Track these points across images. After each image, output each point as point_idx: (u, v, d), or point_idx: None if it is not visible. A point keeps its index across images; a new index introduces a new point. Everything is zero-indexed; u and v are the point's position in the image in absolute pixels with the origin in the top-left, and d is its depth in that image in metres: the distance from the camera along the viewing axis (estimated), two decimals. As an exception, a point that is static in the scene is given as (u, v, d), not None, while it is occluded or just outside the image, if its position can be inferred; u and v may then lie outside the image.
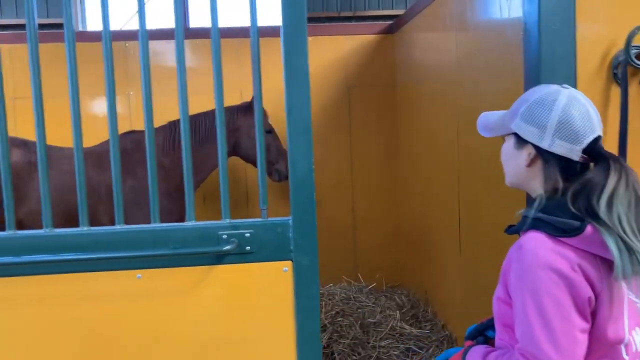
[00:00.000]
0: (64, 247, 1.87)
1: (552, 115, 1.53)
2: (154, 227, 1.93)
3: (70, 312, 1.93)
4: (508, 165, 1.70)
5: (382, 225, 5.23)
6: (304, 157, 1.94)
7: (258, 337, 1.97)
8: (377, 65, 5.12)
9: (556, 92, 1.57)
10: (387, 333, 4.26)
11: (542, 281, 1.43)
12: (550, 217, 1.50)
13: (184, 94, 1.95)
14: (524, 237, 1.53)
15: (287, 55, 1.91)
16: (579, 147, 1.52)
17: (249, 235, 1.92)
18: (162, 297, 1.93)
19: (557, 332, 1.40)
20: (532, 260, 1.46)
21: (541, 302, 1.43)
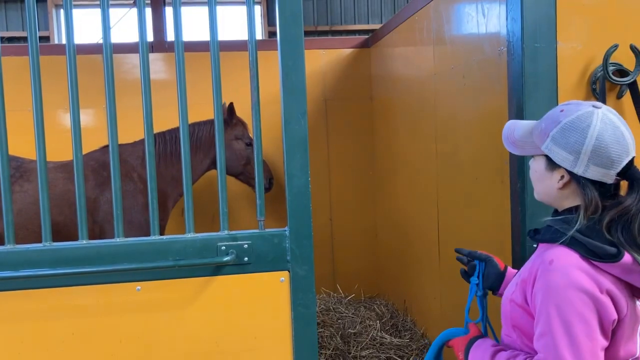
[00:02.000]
0: (63, 260, 1.88)
1: (586, 142, 1.50)
2: (153, 239, 1.95)
3: (69, 325, 1.93)
4: (538, 185, 1.68)
5: (360, 236, 5.29)
6: (300, 170, 1.98)
7: (256, 347, 2.00)
8: (353, 78, 5.21)
9: (589, 114, 1.53)
10: (367, 343, 4.30)
11: (572, 301, 1.44)
12: (585, 238, 1.50)
13: (184, 106, 1.97)
14: (555, 252, 1.53)
15: (285, 71, 1.96)
16: (613, 171, 1.51)
17: (247, 246, 1.96)
18: (162, 309, 1.95)
19: (581, 348, 1.42)
20: (564, 279, 1.46)
21: (569, 320, 1.44)
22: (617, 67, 2.14)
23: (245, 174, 4.44)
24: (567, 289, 1.45)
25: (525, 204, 2.14)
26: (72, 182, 3.91)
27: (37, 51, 1.97)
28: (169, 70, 5.07)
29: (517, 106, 2.17)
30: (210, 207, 4.99)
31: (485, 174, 2.87)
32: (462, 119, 3.18)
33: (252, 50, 1.97)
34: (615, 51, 2.10)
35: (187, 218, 2.01)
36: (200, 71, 4.81)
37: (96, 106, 4.83)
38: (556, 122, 1.57)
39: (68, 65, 1.99)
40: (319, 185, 5.23)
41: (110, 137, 1.91)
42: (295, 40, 1.95)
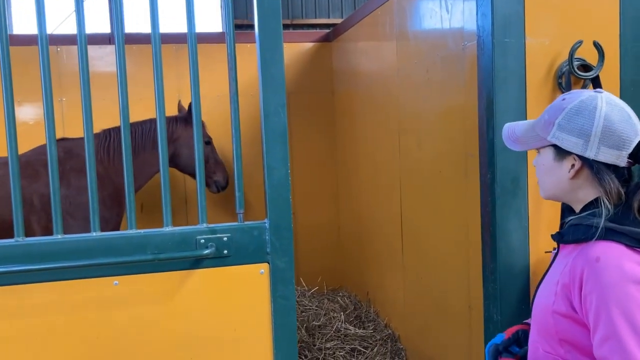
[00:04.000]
0: (37, 256, 1.83)
1: (595, 123, 1.48)
2: (131, 233, 1.92)
3: (45, 322, 1.88)
4: (548, 178, 1.62)
5: (323, 229, 5.32)
6: (280, 162, 1.99)
7: (236, 339, 2.00)
8: (315, 72, 5.22)
9: (593, 97, 1.52)
10: (332, 335, 4.34)
11: (632, 295, 1.37)
12: (624, 227, 1.44)
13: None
14: (598, 248, 1.45)
15: (263, 64, 1.95)
16: (625, 152, 1.47)
17: (226, 239, 1.95)
18: (140, 303, 1.92)
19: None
20: (618, 274, 1.39)
21: (633, 317, 1.35)
22: (582, 62, 2.22)
23: None
24: (624, 283, 1.38)
25: (495, 194, 2.20)
26: (23, 178, 3.80)
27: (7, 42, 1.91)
28: (130, 63, 4.96)
29: (487, 100, 2.23)
30: (171, 202, 4.92)
31: (448, 167, 2.93)
32: (426, 114, 3.24)
33: (230, 43, 1.95)
34: (579, 47, 2.18)
35: (165, 212, 1.99)
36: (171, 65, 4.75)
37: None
38: (560, 109, 1.56)
39: (41, 57, 1.92)
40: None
41: (85, 131, 1.87)
42: (274, 33, 1.95)
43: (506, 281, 2.19)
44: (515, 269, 2.19)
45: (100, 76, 4.71)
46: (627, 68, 2.29)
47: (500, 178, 2.20)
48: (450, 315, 3.02)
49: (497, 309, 2.20)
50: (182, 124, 4.33)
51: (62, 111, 4.76)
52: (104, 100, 4.07)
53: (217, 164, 4.49)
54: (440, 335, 3.23)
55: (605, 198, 1.51)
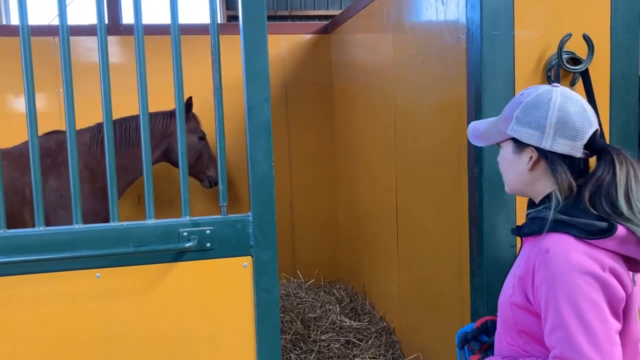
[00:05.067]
0: (19, 248, 1.83)
1: (550, 115, 1.52)
2: (113, 226, 1.92)
3: (27, 314, 1.88)
4: (508, 172, 1.66)
5: (320, 221, 5.32)
6: (264, 156, 1.98)
7: (219, 332, 2.00)
8: (313, 64, 5.20)
9: (549, 91, 1.56)
10: (327, 327, 4.34)
11: (578, 285, 1.39)
12: (573, 218, 1.47)
13: (144, 94, 1.94)
14: (549, 240, 1.48)
15: (248, 57, 1.94)
16: (580, 143, 1.51)
17: (209, 232, 1.95)
18: (122, 295, 1.92)
19: (597, 335, 1.37)
20: (565, 265, 1.42)
21: (579, 307, 1.38)
22: (571, 55, 2.20)
23: (195, 168, 4.45)
24: (571, 274, 1.40)
25: (483, 188, 2.19)
26: (16, 169, 3.81)
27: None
28: (123, 54, 4.96)
29: (476, 93, 2.22)
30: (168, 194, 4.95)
31: (441, 160, 2.92)
32: (421, 106, 3.22)
33: (214, 34, 1.94)
34: (569, 40, 2.16)
35: (148, 205, 1.98)
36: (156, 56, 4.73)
37: (48, 90, 4.70)
38: (518, 104, 1.59)
39: (22, 48, 1.92)
40: (280, 171, 5.22)
41: (67, 123, 1.87)
42: (259, 24, 1.93)
43: (493, 275, 2.18)
44: (501, 264, 2.18)
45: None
46: (617, 61, 2.27)
47: (488, 172, 2.19)
48: (443, 308, 3.02)
49: (483, 302, 2.20)
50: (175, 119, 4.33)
51: (59, 102, 4.77)
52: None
53: (211, 159, 4.49)
54: (433, 328, 3.23)
55: (557, 190, 1.54)
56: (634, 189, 1.47)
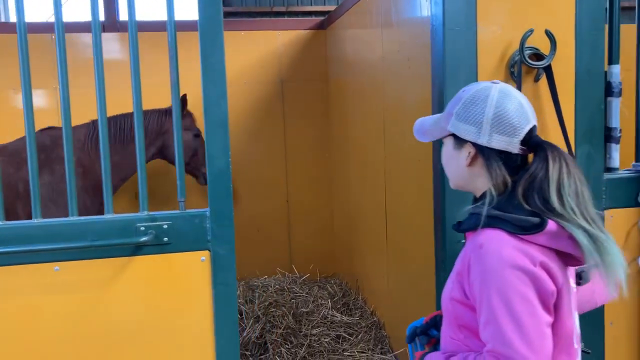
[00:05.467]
0: None
1: (487, 111, 1.54)
2: (71, 220, 1.97)
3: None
4: (449, 167, 1.69)
5: (316, 217, 5.35)
6: (221, 151, 2.01)
7: (177, 325, 2.04)
8: (310, 60, 5.22)
9: (487, 88, 1.58)
10: (318, 321, 4.37)
11: (509, 280, 1.42)
12: (506, 214, 1.49)
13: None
14: (482, 236, 1.51)
15: (204, 53, 1.97)
16: (516, 139, 1.53)
17: (166, 226, 1.99)
18: (81, 289, 1.97)
19: (527, 329, 1.39)
20: (497, 260, 1.44)
21: (509, 301, 1.41)
22: (534, 51, 2.20)
23: (191, 165, 4.50)
24: (502, 269, 1.43)
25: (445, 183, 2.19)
26: (10, 165, 3.89)
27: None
28: (121, 50, 5.02)
29: (439, 90, 2.22)
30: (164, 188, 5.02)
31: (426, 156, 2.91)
32: (408, 102, 3.22)
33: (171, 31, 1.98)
34: (531, 35, 2.16)
35: (106, 200, 2.03)
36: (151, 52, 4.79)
37: (46, 87, 4.79)
38: (458, 100, 1.62)
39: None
40: (276, 166, 5.27)
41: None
42: (214, 21, 1.96)
43: (455, 271, 2.18)
44: (463, 259, 2.18)
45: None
46: (582, 57, 2.25)
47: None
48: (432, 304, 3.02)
49: (446, 298, 2.20)
50: (170, 117, 4.38)
51: (56, 98, 4.85)
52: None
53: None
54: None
55: (491, 186, 1.56)
56: (566, 185, 1.49)
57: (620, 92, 2.35)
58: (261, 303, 4.60)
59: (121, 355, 2.03)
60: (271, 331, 4.28)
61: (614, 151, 2.37)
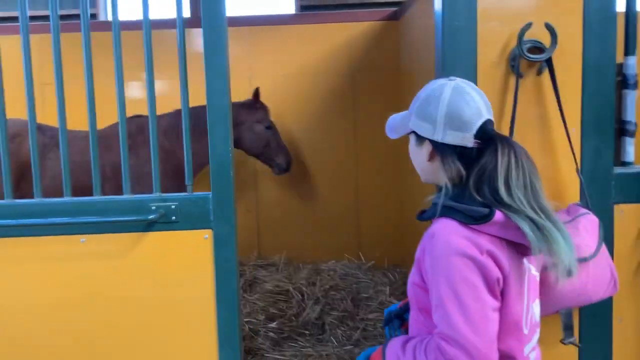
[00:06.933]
0: (21, 214, 2.26)
1: (439, 109, 1.61)
2: (96, 199, 2.28)
3: (26, 269, 2.31)
4: (415, 163, 1.78)
5: (386, 206, 5.43)
6: (222, 141, 2.22)
7: (184, 294, 2.30)
8: (382, 51, 5.30)
9: (442, 86, 1.66)
10: (375, 307, 4.49)
11: (456, 267, 1.50)
12: (459, 205, 1.57)
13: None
14: (436, 224, 1.60)
15: (207, 51, 2.18)
16: (469, 134, 1.60)
17: (174, 207, 2.24)
18: (102, 258, 2.28)
19: (472, 313, 1.47)
20: (445, 248, 1.52)
21: (455, 287, 1.49)
22: (535, 44, 2.18)
23: (264, 155, 4.76)
24: (449, 256, 1.51)
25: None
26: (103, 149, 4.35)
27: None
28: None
29: (440, 83, 2.27)
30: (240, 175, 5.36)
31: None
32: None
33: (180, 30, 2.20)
34: (530, 29, 2.14)
35: (124, 182, 2.31)
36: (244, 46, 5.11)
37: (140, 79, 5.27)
38: (417, 99, 1.71)
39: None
40: (346, 155, 5.41)
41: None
42: (217, 19, 2.15)
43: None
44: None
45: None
46: (590, 49, 2.20)
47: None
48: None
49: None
50: (245, 109, 4.67)
51: (146, 90, 5.31)
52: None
53: (279, 147, 4.78)
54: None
55: (447, 179, 1.64)
56: (514, 176, 1.55)
57: (636, 85, 2.26)
58: (322, 286, 4.80)
59: (135, 316, 2.33)
60: (329, 313, 4.47)
61: (629, 145, 2.29)
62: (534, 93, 2.24)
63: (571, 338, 2.12)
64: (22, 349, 2.34)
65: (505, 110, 2.24)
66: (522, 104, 2.23)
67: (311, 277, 5.01)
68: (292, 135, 5.38)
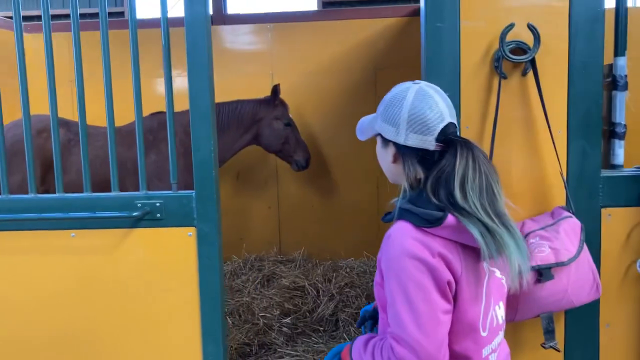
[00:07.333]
0: (14, 209, 2.37)
1: (402, 112, 1.63)
2: (86, 195, 2.37)
3: (21, 261, 2.42)
4: (382, 164, 1.79)
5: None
6: (205, 140, 2.27)
7: (170, 288, 2.36)
8: (404, 47, 5.27)
9: (405, 89, 1.68)
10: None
11: (407, 268, 1.52)
12: (415, 208, 1.59)
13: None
14: (393, 227, 1.62)
15: (190, 49, 2.23)
16: (431, 137, 1.61)
17: (159, 204, 2.30)
18: (91, 252, 2.37)
19: (421, 314, 1.50)
20: (398, 249, 1.55)
21: (406, 288, 1.52)
22: (519, 45, 2.14)
23: (283, 152, 4.81)
24: (401, 258, 1.54)
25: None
26: (123, 145, 4.48)
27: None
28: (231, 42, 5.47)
29: (424, 84, 2.25)
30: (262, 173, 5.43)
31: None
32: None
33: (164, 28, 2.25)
34: (511, 30, 2.11)
35: (112, 181, 2.40)
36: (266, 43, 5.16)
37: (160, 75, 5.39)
38: (383, 102, 1.73)
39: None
40: (367, 153, 5.37)
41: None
42: (199, 18, 2.20)
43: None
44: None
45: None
46: (577, 49, 2.15)
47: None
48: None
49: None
50: (264, 106, 4.73)
51: (171, 87, 5.44)
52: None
53: (298, 144, 4.82)
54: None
55: (405, 180, 1.67)
56: (470, 178, 1.55)
57: (625, 86, 2.20)
58: (337, 282, 4.82)
59: (122, 309, 2.41)
60: (343, 310, 4.49)
61: (618, 147, 2.23)
62: (519, 94, 2.20)
63: (552, 342, 2.08)
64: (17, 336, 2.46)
65: (489, 111, 2.21)
66: (507, 105, 2.20)
67: (327, 274, 5.05)
68: (313, 132, 5.41)
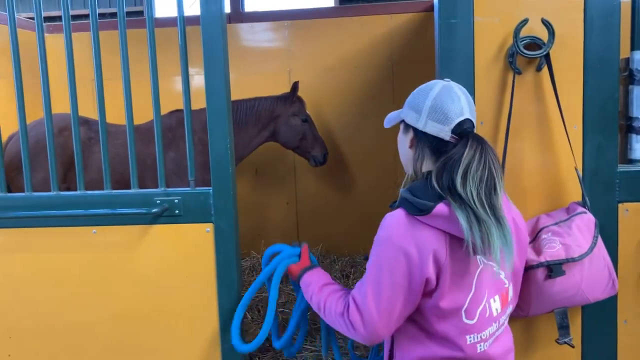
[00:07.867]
0: (38, 206, 2.42)
1: (426, 101, 1.73)
2: (106, 192, 2.42)
3: (44, 258, 2.48)
4: (400, 151, 1.88)
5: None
6: (222, 138, 2.31)
7: (188, 283, 2.41)
8: (420, 42, 5.25)
9: (434, 83, 1.78)
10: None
11: (388, 254, 1.64)
12: (411, 197, 1.66)
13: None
14: (390, 213, 1.72)
15: (206, 48, 2.26)
16: (447, 127, 1.69)
17: (177, 201, 2.34)
18: (112, 248, 2.42)
19: (383, 294, 1.64)
20: (386, 234, 1.67)
21: (380, 269, 1.65)
22: (533, 40, 2.14)
23: (301, 148, 4.83)
24: (384, 242, 1.66)
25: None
26: (142, 143, 4.54)
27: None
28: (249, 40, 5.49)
29: (438, 80, 2.26)
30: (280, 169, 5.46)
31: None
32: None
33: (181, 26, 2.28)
34: (525, 25, 2.11)
35: (132, 178, 2.44)
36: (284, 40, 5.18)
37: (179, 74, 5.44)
38: (412, 93, 1.84)
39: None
40: (385, 149, 5.39)
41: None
42: (215, 16, 2.23)
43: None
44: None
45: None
46: (592, 44, 2.14)
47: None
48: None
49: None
50: (282, 103, 4.75)
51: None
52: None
53: (315, 140, 4.83)
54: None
55: (411, 167, 1.79)
56: (473, 169, 1.61)
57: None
58: (356, 279, 4.84)
59: (141, 303, 2.46)
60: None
61: (635, 142, 2.21)
62: (534, 89, 2.20)
63: (566, 338, 2.09)
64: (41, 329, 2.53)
65: (503, 107, 2.22)
66: (522, 100, 2.21)
67: (346, 270, 5.07)
68: (331, 128, 5.43)
